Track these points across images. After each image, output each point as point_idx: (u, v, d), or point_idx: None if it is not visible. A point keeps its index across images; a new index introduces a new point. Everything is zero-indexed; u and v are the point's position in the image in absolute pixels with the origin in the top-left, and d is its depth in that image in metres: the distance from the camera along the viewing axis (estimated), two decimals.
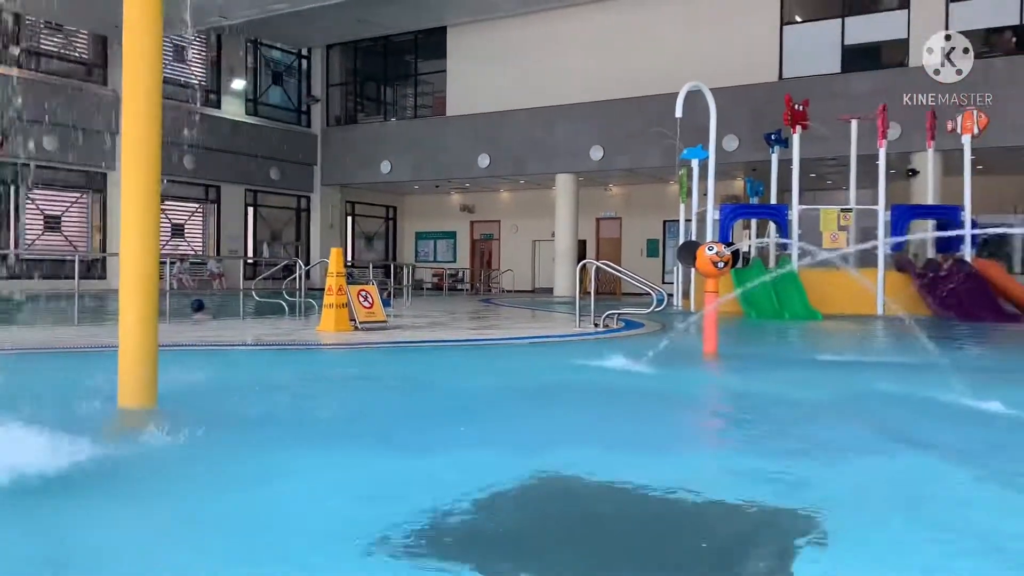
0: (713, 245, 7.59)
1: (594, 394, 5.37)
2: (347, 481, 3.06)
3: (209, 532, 2.48)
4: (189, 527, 2.53)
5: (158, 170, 4.10)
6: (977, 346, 9.55)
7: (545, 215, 26.63)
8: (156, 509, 2.72)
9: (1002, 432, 4.13)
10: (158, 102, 4.07)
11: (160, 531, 2.50)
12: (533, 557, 2.28)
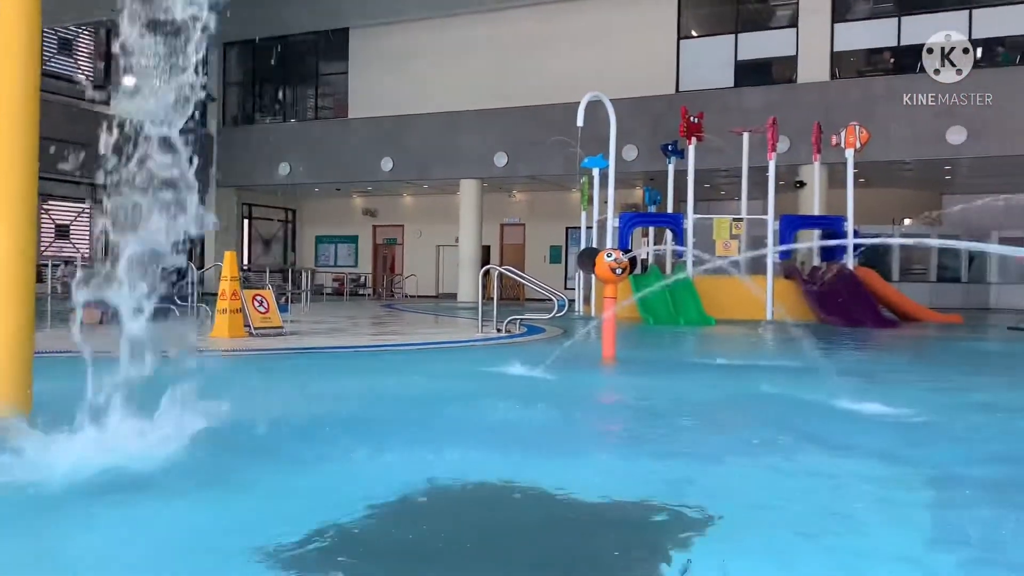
0: (612, 252, 7.73)
1: (494, 399, 5.38)
2: (233, 495, 2.95)
3: (82, 539, 2.35)
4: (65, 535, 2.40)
5: (34, 167, 3.88)
6: (858, 350, 10.05)
7: (449, 220, 26.59)
8: None
9: (882, 431, 4.34)
10: (34, 96, 3.86)
11: None
12: (432, 566, 2.25)
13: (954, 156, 19.43)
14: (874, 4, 22.12)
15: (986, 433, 4.41)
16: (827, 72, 20.92)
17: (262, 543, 2.32)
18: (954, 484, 3.22)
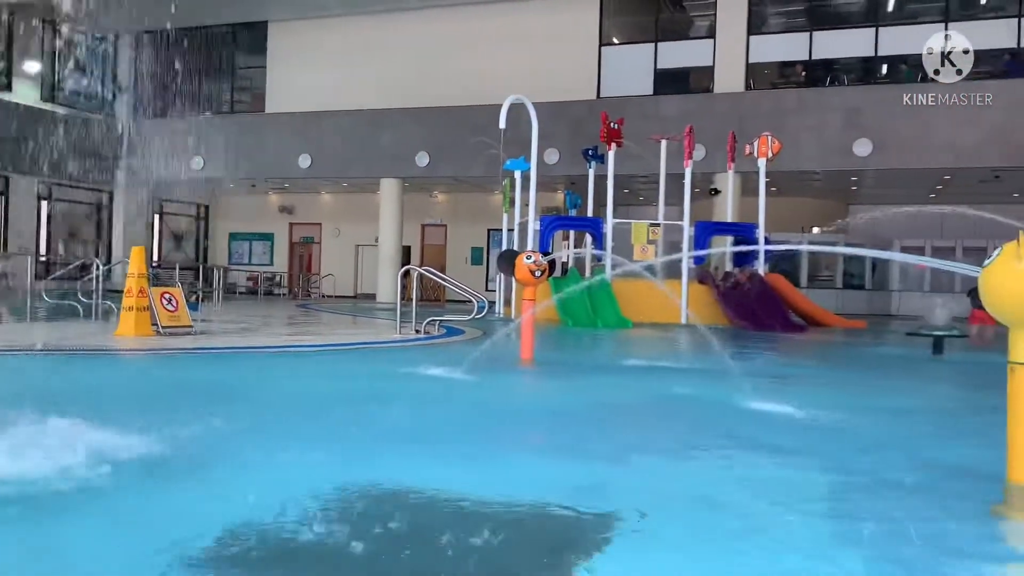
0: (531, 254, 7.75)
1: (410, 401, 5.32)
2: (144, 499, 2.82)
3: None
4: None
5: None
6: (767, 353, 10.34)
7: (369, 219, 26.28)
8: None
9: (788, 431, 4.46)
10: None
11: None
12: (333, 572, 2.19)
13: (860, 168, 20.25)
14: (787, 19, 22.89)
15: (885, 433, 4.58)
16: (742, 83, 21.52)
17: (162, 548, 2.22)
18: (855, 482, 3.32)
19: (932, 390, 7.00)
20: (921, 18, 21.42)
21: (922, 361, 9.32)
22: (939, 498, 3.05)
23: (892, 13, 21.54)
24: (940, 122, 19.18)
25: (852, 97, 20.44)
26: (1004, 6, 20.47)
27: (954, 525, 2.71)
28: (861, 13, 21.67)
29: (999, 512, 2.85)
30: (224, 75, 27.96)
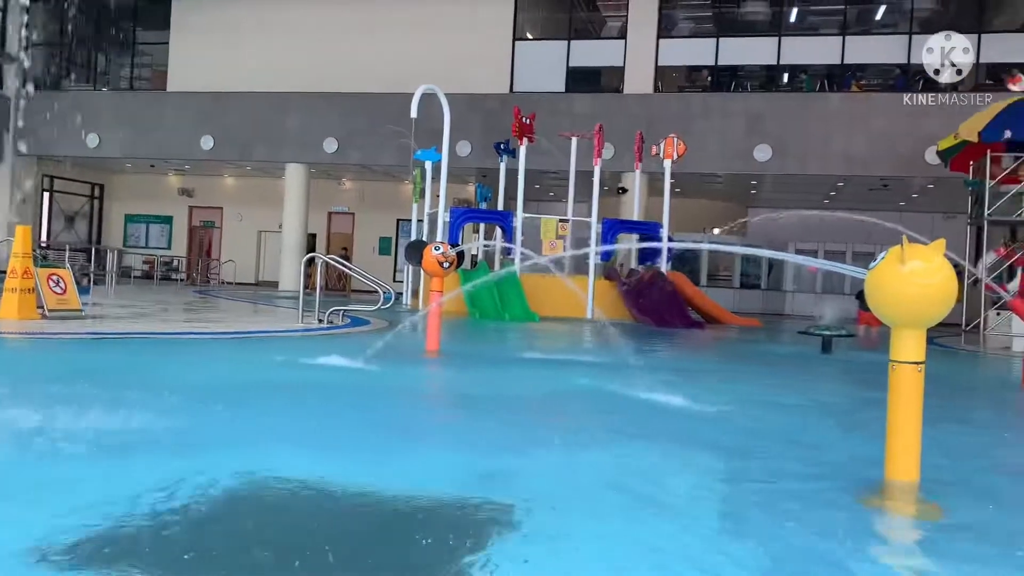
0: (440, 245, 7.72)
1: (311, 391, 5.22)
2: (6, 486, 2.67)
3: None
4: None
5: None
6: (666, 349, 10.62)
7: (273, 205, 25.64)
8: None
9: (684, 422, 4.59)
10: None
11: None
12: (229, 568, 2.13)
13: (760, 172, 20.99)
14: (696, 24, 23.50)
15: (772, 426, 4.76)
16: (651, 85, 21.96)
17: (37, 543, 2.11)
18: (741, 472, 3.44)
19: (819, 387, 7.33)
20: (821, 30, 22.35)
21: (811, 359, 9.74)
22: (819, 489, 3.20)
23: (794, 24, 22.39)
24: (835, 131, 20.09)
25: (755, 103, 21.15)
26: (896, 23, 21.56)
27: (830, 515, 2.84)
28: (765, 23, 22.43)
29: (873, 504, 3.00)
30: (124, 49, 26.74)
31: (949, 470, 3.65)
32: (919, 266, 2.91)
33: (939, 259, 2.94)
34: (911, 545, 2.71)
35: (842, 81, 21.29)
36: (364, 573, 2.12)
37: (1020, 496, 3.48)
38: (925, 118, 19.20)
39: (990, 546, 2.60)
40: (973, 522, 2.87)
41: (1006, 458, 4.40)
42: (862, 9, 21.97)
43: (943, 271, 2.93)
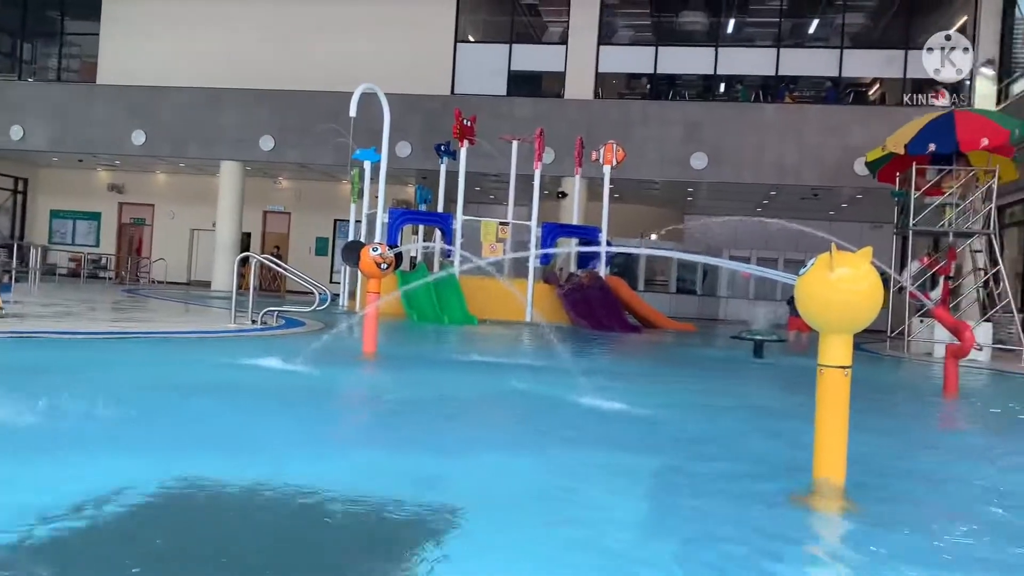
0: (377, 246, 7.64)
1: (242, 393, 5.11)
2: None
3: None
4: None
5: None
6: (604, 352, 10.70)
7: (207, 203, 25.05)
8: None
9: (618, 425, 4.62)
10: None
11: None
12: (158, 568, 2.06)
13: (696, 179, 21.35)
14: (635, 32, 23.81)
15: (705, 428, 4.84)
16: (591, 91, 22.16)
17: None
18: (674, 471, 3.48)
19: (750, 390, 7.48)
20: (757, 42, 22.88)
21: (744, 363, 9.94)
22: (749, 489, 3.26)
23: (731, 35, 22.87)
24: (768, 141, 20.57)
25: (692, 112, 21.51)
26: (828, 37, 22.21)
27: (759, 513, 2.90)
28: (703, 33, 22.85)
29: (801, 502, 3.07)
30: (51, 39, 25.82)
31: (873, 470, 3.76)
32: (847, 273, 2.99)
33: (866, 266, 3.02)
34: (834, 540, 2.78)
35: (776, 92, 21.82)
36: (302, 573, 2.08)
37: (935, 494, 3.60)
38: (854, 130, 19.81)
39: (905, 539, 2.69)
40: (892, 518, 2.97)
41: (925, 459, 4.56)
42: (796, 23, 22.57)
43: (869, 278, 3.01)
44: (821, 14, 22.24)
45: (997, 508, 3.33)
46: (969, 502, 3.52)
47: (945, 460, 4.64)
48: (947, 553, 2.63)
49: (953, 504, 3.49)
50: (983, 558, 2.60)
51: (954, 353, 7.31)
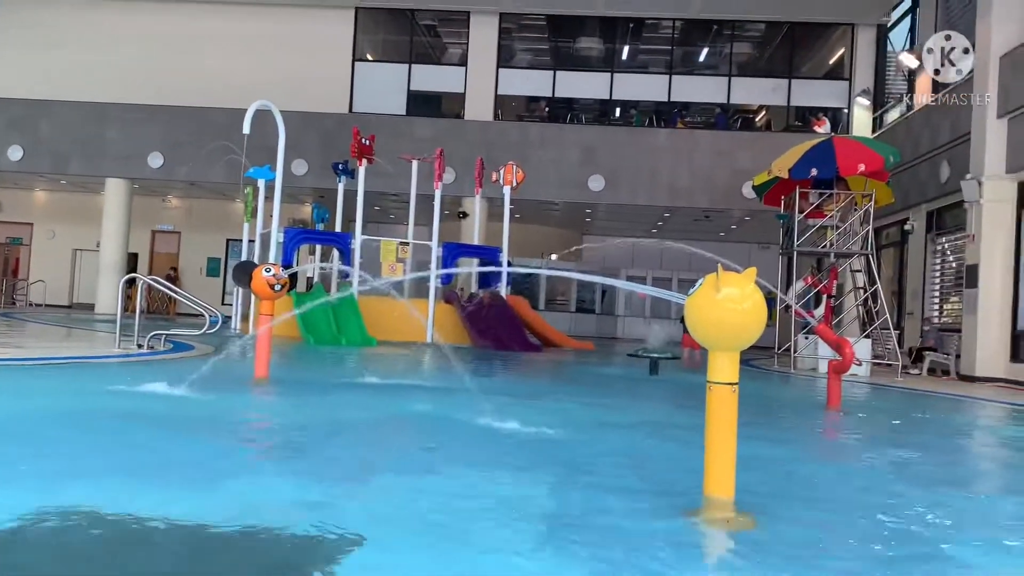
0: (271, 267, 7.43)
1: (126, 421, 4.85)
2: None
3: None
4: None
5: None
6: (504, 372, 10.72)
7: (91, 222, 23.92)
8: None
9: (517, 447, 4.61)
10: None
11: None
12: None
13: (594, 201, 21.78)
14: (534, 56, 24.20)
15: (601, 446, 4.89)
16: (491, 112, 22.34)
17: None
18: (572, 491, 3.50)
19: (646, 407, 7.62)
20: (650, 68, 23.61)
21: (640, 380, 10.13)
22: (642, 506, 3.30)
23: (626, 62, 23.53)
24: (662, 165, 21.21)
25: (589, 135, 21.97)
26: (718, 65, 23.13)
27: (657, 525, 2.94)
28: (599, 59, 23.44)
29: (696, 517, 3.13)
30: None
31: (762, 482, 3.87)
32: (732, 292, 3.07)
33: (750, 286, 3.12)
34: (725, 555, 2.84)
35: (669, 118, 22.54)
36: None
37: (821, 503, 3.73)
38: (742, 155, 20.65)
39: (795, 552, 2.77)
40: (782, 531, 3.05)
41: (810, 469, 4.73)
42: (687, 51, 23.43)
43: (753, 297, 3.10)
44: (711, 43, 23.17)
45: (879, 513, 3.47)
46: (853, 508, 3.66)
47: (829, 469, 4.83)
48: (834, 560, 2.72)
49: (838, 511, 3.62)
50: (867, 561, 2.70)
51: (836, 368, 7.65)
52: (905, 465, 4.92)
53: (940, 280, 16.60)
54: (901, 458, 5.17)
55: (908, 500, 3.77)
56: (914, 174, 17.17)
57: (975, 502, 4.07)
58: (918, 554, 2.85)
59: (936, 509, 3.65)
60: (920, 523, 3.35)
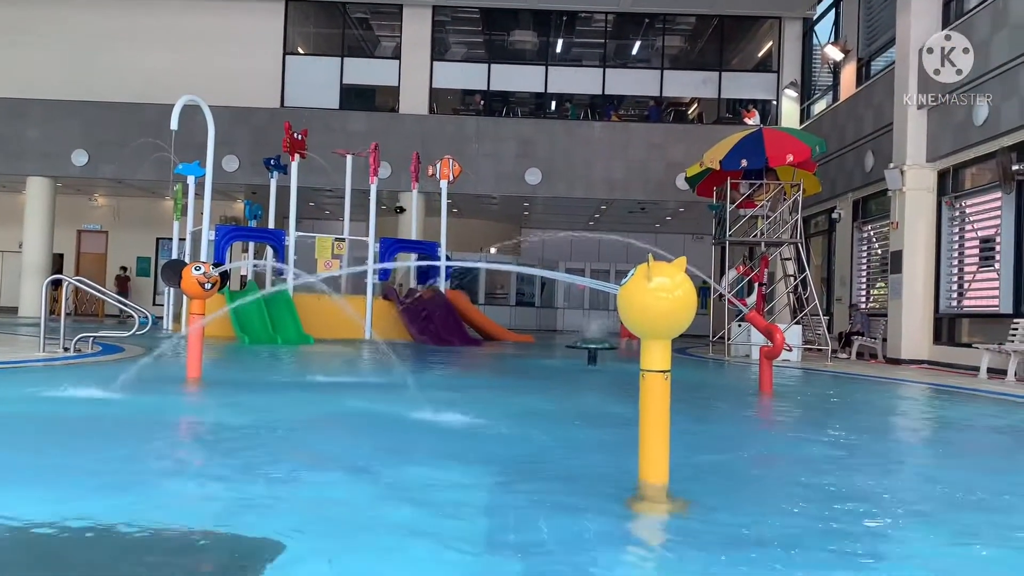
0: (201, 265, 7.26)
1: (50, 425, 4.69)
2: None
3: None
4: None
5: None
6: (443, 367, 10.69)
7: (12, 222, 23.05)
8: None
9: (454, 439, 4.60)
10: None
11: None
12: None
13: (531, 194, 21.85)
14: (468, 49, 24.10)
15: (540, 436, 4.91)
16: (426, 106, 22.19)
17: None
18: (513, 479, 3.50)
19: (584, 397, 7.69)
20: (584, 62, 23.75)
21: (578, 371, 10.21)
22: (580, 494, 3.33)
23: (560, 55, 23.62)
24: (597, 157, 21.38)
25: (525, 129, 22.01)
26: (650, 58, 23.39)
27: (594, 514, 2.96)
28: (534, 52, 23.47)
29: (631, 504, 3.17)
30: None
31: (696, 466, 3.94)
32: (664, 282, 3.11)
33: (681, 275, 3.16)
34: (660, 538, 2.88)
35: (604, 111, 22.73)
36: None
37: (754, 483, 3.82)
38: (675, 147, 20.96)
39: (727, 533, 2.83)
40: (714, 510, 3.11)
41: (743, 451, 4.84)
42: (620, 44, 23.62)
43: (684, 285, 3.14)
44: (643, 36, 23.42)
45: (808, 489, 3.57)
46: (784, 486, 3.76)
47: (761, 450, 4.94)
48: (763, 541, 2.78)
49: (771, 489, 3.71)
50: (797, 535, 2.77)
51: (767, 354, 7.83)
52: (833, 445, 5.06)
53: (867, 266, 17.14)
54: (831, 438, 5.32)
55: (837, 480, 3.88)
56: (840, 164, 17.68)
57: (900, 479, 4.22)
58: (845, 532, 2.94)
59: (865, 487, 3.77)
60: (847, 501, 3.45)
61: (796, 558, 2.60)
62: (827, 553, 2.67)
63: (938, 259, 13.69)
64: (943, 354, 13.23)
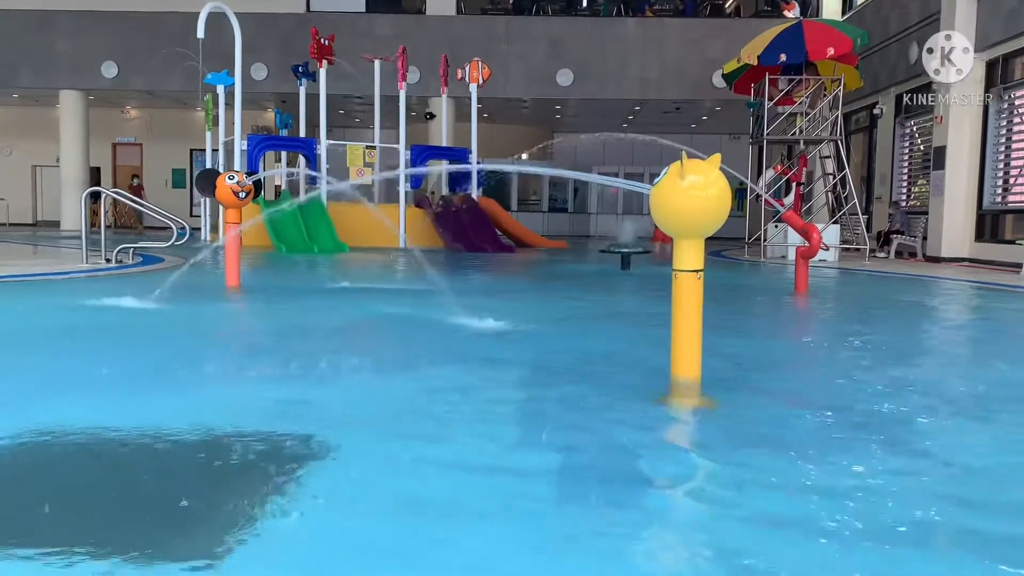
0: (234, 174, 7.31)
1: (98, 335, 4.85)
2: None
3: None
4: None
5: None
6: (477, 273, 10.76)
7: (48, 137, 23.20)
8: None
9: (495, 343, 4.68)
10: None
11: None
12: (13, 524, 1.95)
13: (563, 96, 21.39)
14: None
15: (576, 339, 4.97)
16: (453, 6, 21.58)
17: None
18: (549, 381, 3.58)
19: (617, 300, 7.73)
20: None
21: (612, 275, 10.23)
22: (619, 390, 3.39)
23: None
24: (631, 56, 20.76)
25: (556, 27, 21.36)
26: None
27: (627, 412, 3.03)
28: None
29: (664, 401, 3.22)
30: None
31: (730, 364, 3.98)
32: (697, 180, 3.07)
33: (715, 173, 3.11)
34: (689, 430, 2.95)
35: (637, 6, 21.94)
36: (161, 514, 2.01)
37: (786, 382, 3.86)
38: (712, 43, 20.26)
39: (756, 427, 2.88)
40: (746, 408, 3.16)
41: (776, 351, 4.86)
42: None
43: (718, 184, 3.10)
44: None
45: (843, 392, 3.59)
46: (816, 387, 3.79)
47: (795, 350, 4.96)
48: (796, 435, 2.83)
49: (803, 390, 3.75)
50: (828, 437, 2.82)
51: (804, 254, 7.76)
52: (868, 344, 5.06)
53: (908, 164, 16.69)
54: (864, 337, 5.32)
55: (870, 378, 3.90)
56: (883, 57, 17.00)
57: (934, 374, 4.23)
58: (877, 428, 2.97)
59: (896, 384, 3.78)
60: (880, 399, 3.47)
61: (828, 447, 2.64)
62: (861, 442, 2.71)
63: (983, 153, 13.27)
64: (984, 251, 12.99)
